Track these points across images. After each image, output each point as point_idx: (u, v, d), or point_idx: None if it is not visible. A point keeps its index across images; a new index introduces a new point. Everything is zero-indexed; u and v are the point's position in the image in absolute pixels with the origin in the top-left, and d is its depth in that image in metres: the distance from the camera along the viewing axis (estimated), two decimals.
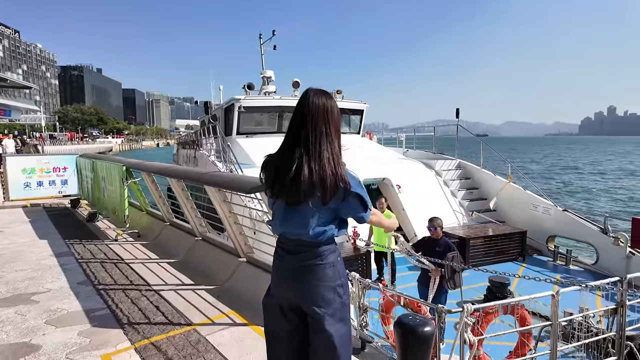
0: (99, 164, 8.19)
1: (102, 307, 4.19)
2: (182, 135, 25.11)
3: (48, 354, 3.25)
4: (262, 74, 14.85)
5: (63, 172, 11.68)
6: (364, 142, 13.06)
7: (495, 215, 9.87)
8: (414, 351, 2.35)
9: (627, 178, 39.90)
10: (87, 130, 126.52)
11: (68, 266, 5.54)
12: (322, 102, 1.77)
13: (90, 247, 6.54)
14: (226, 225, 4.61)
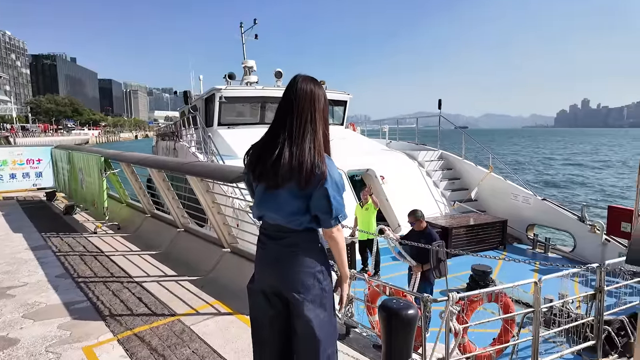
0: (75, 155, 7.95)
1: (82, 299, 4.11)
2: (161, 126, 24.54)
3: (26, 347, 3.18)
4: (244, 63, 14.54)
5: (37, 164, 11.29)
6: (347, 134, 13.03)
7: (476, 204, 10.05)
8: (398, 334, 2.40)
9: (603, 168, 41.31)
10: (61, 121, 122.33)
11: (45, 259, 5.39)
12: (310, 89, 1.75)
13: (68, 240, 6.38)
14: (209, 215, 4.57)
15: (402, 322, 2.38)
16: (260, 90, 11.69)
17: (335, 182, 1.72)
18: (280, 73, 12.98)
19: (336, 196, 1.72)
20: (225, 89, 11.11)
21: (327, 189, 1.68)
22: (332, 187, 1.70)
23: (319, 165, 1.67)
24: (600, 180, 32.15)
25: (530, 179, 30.88)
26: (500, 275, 7.00)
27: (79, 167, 7.79)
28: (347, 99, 13.55)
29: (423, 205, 9.51)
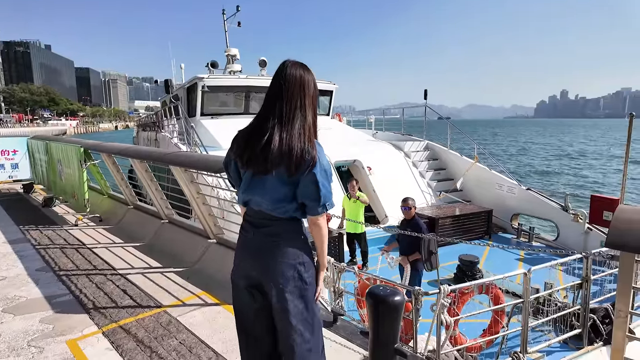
0: (53, 146, 7.71)
1: (64, 292, 4.04)
2: (142, 117, 23.95)
3: (8, 342, 3.11)
4: (227, 52, 14.23)
5: (13, 156, 10.92)
6: (333, 124, 12.94)
7: (462, 194, 10.15)
8: (385, 320, 2.45)
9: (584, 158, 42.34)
10: (37, 111, 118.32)
11: (24, 253, 5.25)
12: (299, 74, 1.73)
13: (47, 232, 6.22)
14: (194, 206, 4.52)
15: (388, 309, 2.43)
16: (244, 80, 11.47)
17: (324, 169, 1.71)
18: (264, 62, 12.76)
19: (325, 183, 1.70)
20: (208, 77, 10.83)
21: (315, 174, 1.66)
22: (321, 174, 1.68)
23: (308, 150, 1.65)
24: (584, 170, 32.91)
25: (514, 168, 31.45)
26: (487, 264, 7.09)
27: (57, 158, 7.56)
28: (333, 89, 13.43)
29: (410, 195, 9.70)
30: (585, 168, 34.46)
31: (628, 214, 1.56)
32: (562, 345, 4.19)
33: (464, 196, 10.15)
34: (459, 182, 10.20)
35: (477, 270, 6.36)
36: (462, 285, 3.75)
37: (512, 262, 7.49)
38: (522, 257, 7.65)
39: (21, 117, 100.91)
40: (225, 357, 2.89)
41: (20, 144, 10.93)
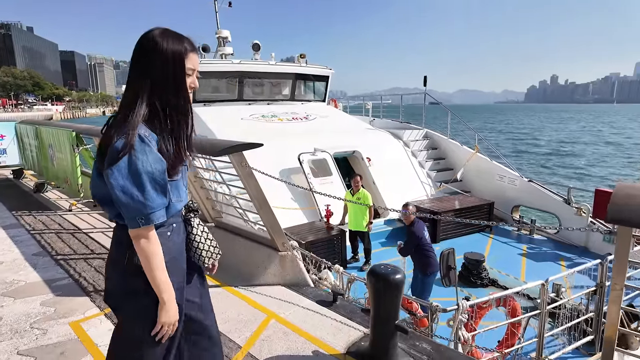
0: (44, 130, 7.57)
1: (63, 276, 4.04)
2: None
3: (10, 324, 3.12)
4: (218, 34, 13.76)
5: (1, 141, 10.70)
6: (330, 111, 12.66)
7: (462, 185, 9.96)
8: (386, 297, 2.52)
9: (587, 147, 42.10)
10: (21, 96, 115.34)
11: (19, 238, 5.22)
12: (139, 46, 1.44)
13: (41, 218, 6.17)
14: (192, 190, 4.51)
15: (390, 286, 2.49)
16: (238, 65, 11.18)
17: (135, 170, 1.30)
18: (258, 45, 12.45)
19: (127, 187, 1.30)
20: (200, 63, 10.64)
21: (111, 174, 1.28)
22: (123, 175, 1.29)
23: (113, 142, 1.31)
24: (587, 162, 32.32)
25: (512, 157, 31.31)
26: (490, 260, 6.86)
27: (48, 143, 7.44)
28: (329, 74, 13.09)
29: (410, 187, 9.49)
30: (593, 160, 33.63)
31: (626, 190, 1.62)
32: (573, 352, 4.15)
33: (464, 187, 9.95)
34: (459, 172, 9.98)
35: (482, 269, 6.25)
36: (480, 300, 3.75)
37: (515, 257, 7.39)
38: (525, 252, 7.57)
39: (5, 102, 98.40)
40: (229, 336, 2.94)
41: (7, 129, 10.70)
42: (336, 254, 6.97)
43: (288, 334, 2.95)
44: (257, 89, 12.24)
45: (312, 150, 8.64)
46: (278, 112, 10.88)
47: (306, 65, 12.41)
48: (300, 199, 8.04)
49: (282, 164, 8.18)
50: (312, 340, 2.87)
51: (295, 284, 3.75)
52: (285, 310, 3.28)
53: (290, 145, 8.60)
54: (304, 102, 12.82)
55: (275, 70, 11.99)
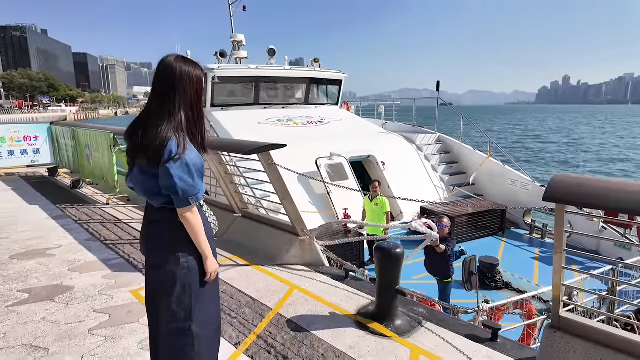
0: (81, 132, 8.35)
1: (115, 257, 4.75)
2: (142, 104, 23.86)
3: (82, 291, 3.83)
4: (232, 38, 14.09)
5: (35, 141, 11.56)
6: (343, 115, 12.97)
7: (474, 189, 10.14)
8: (388, 267, 3.17)
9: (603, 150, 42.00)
10: (36, 97, 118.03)
11: (69, 227, 5.96)
12: (171, 68, 1.83)
13: (84, 210, 6.92)
14: (222, 185, 5.19)
15: (392, 258, 3.14)
16: (255, 70, 11.63)
17: (187, 163, 1.76)
18: (273, 50, 12.79)
19: (183, 176, 1.75)
20: (218, 68, 10.93)
21: (169, 168, 1.71)
22: (179, 168, 1.73)
23: (167, 143, 1.72)
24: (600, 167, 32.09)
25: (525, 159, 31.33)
26: (504, 263, 6.85)
27: (85, 144, 8.21)
28: (342, 78, 13.38)
29: (424, 191, 9.65)
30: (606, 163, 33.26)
31: (560, 178, 2.25)
32: None
33: (476, 191, 10.11)
34: (472, 176, 10.14)
35: (497, 272, 6.37)
36: (499, 303, 4.13)
37: (528, 260, 7.50)
38: (537, 256, 7.70)
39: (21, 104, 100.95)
40: (261, 301, 3.60)
41: (41, 130, 11.56)
42: (354, 258, 6.94)
43: (309, 300, 3.61)
44: (272, 92, 12.69)
45: (328, 154, 8.96)
46: (293, 116, 11.28)
47: (320, 70, 12.78)
48: (317, 203, 8.36)
49: (300, 167, 8.31)
50: (328, 304, 3.52)
51: (312, 263, 4.40)
52: (306, 283, 3.94)
53: (307, 150, 8.87)
54: (318, 105, 13.19)
55: (291, 74, 12.41)
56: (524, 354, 2.80)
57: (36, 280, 4.08)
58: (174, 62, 1.81)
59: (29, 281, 4.05)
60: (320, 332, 3.08)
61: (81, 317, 3.33)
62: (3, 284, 3.97)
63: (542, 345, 2.59)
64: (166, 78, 1.80)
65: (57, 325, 3.21)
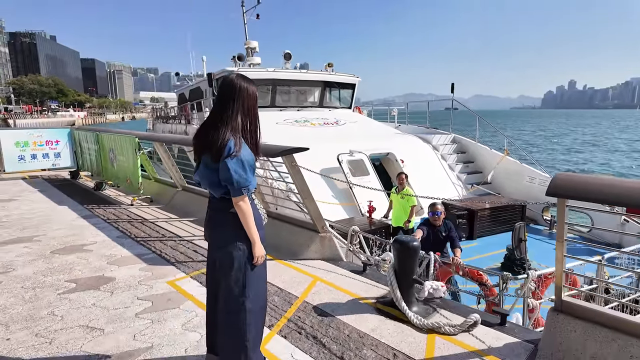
0: (105, 136, 8.78)
1: (148, 252, 5.11)
2: (153, 108, 24.34)
3: (123, 282, 4.19)
4: (246, 44, 14.79)
5: (56, 145, 12.01)
6: (357, 117, 13.36)
7: (492, 187, 10.40)
8: (407, 258, 3.49)
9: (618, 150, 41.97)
10: (45, 103, 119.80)
11: (100, 225, 6.35)
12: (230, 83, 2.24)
13: (110, 210, 7.32)
14: None
15: (410, 250, 3.48)
16: (272, 73, 11.92)
17: (241, 160, 2.11)
18: (289, 55, 13.26)
19: (238, 170, 2.10)
20: (237, 71, 11.41)
21: (227, 162, 2.07)
22: (236, 163, 2.09)
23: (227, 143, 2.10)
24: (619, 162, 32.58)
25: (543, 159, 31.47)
26: (529, 256, 6.87)
27: (109, 148, 8.63)
28: (356, 82, 13.73)
29: (442, 188, 9.94)
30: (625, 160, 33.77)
31: (561, 176, 2.58)
32: None
33: (494, 189, 10.33)
34: (490, 174, 10.34)
35: (524, 260, 6.48)
36: (546, 271, 4.27)
37: (551, 252, 7.36)
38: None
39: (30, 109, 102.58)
40: (288, 291, 3.94)
41: (62, 135, 12.02)
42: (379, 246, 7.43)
43: (331, 290, 3.94)
44: (287, 96, 13.08)
45: (348, 151, 9.30)
46: (310, 118, 11.65)
47: (335, 74, 13.21)
48: (340, 196, 8.66)
49: (322, 164, 8.68)
50: (350, 294, 3.85)
51: (332, 258, 4.74)
52: (327, 276, 4.28)
53: (328, 148, 9.19)
54: (332, 108, 13.59)
55: (307, 77, 12.82)
56: (530, 336, 3.11)
57: (80, 272, 4.45)
58: (235, 79, 2.23)
59: (73, 273, 4.42)
60: (344, 317, 3.41)
61: (127, 304, 3.68)
62: (51, 275, 4.35)
63: (546, 326, 2.90)
64: (228, 91, 2.20)
65: (106, 310, 3.56)
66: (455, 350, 2.93)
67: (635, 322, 2.54)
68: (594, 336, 2.66)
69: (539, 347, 2.87)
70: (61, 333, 3.16)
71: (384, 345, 2.98)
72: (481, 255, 6.96)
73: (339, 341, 3.03)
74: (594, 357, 2.60)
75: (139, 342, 3.03)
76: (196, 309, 3.56)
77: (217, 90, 2.38)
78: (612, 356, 2.53)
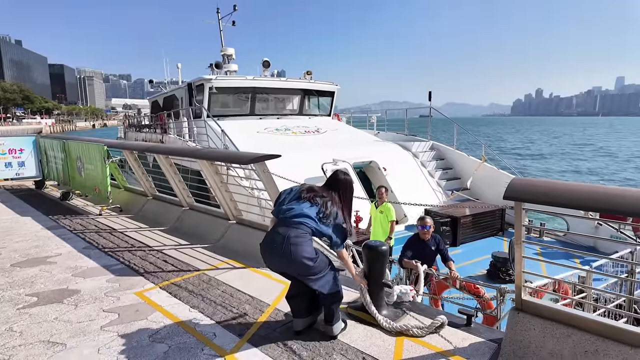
0: (72, 145, 8.49)
1: (116, 263, 4.98)
2: (128, 116, 23.58)
3: (89, 294, 4.06)
4: (223, 51, 14.63)
5: (20, 154, 11.52)
6: (337, 125, 13.39)
7: (470, 193, 10.51)
8: (376, 262, 3.55)
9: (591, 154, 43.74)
10: (10, 110, 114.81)
11: (66, 236, 6.13)
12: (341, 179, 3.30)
13: (77, 220, 7.08)
14: (217, 193, 5.51)
15: (378, 254, 3.53)
16: (252, 81, 11.79)
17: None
18: (268, 62, 13.17)
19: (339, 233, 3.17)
20: (215, 79, 11.05)
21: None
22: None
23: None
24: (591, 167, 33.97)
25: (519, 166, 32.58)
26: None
27: (77, 156, 8.35)
28: (335, 90, 13.80)
29: (424, 195, 9.98)
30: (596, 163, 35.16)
31: (517, 181, 2.71)
32: None
33: (473, 194, 10.51)
34: (469, 181, 10.52)
35: (510, 267, 6.49)
36: (542, 282, 4.40)
37: (531, 257, 7.77)
38: (539, 252, 7.89)
39: None
40: (260, 299, 3.92)
41: (26, 143, 11.54)
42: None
43: None
44: (266, 104, 13.00)
45: (332, 160, 9.23)
46: (290, 126, 11.58)
47: (314, 82, 13.23)
48: None
49: (306, 173, 8.57)
50: None
51: None
52: None
53: (310, 157, 9.14)
54: (311, 116, 13.62)
55: (286, 86, 12.79)
56: (494, 335, 3.21)
57: (42, 285, 4.28)
58: (340, 174, 3.32)
59: (35, 286, 4.26)
60: None
61: (92, 316, 3.57)
62: (10, 289, 4.17)
63: (508, 325, 3.01)
64: (342, 186, 3.27)
65: (70, 323, 3.45)
66: (422, 352, 3.00)
67: (588, 319, 2.68)
68: (551, 333, 2.78)
69: (501, 346, 2.97)
70: (20, 349, 3.03)
71: (353, 350, 3.01)
72: (466, 263, 6.99)
73: (309, 347, 3.04)
74: (552, 353, 2.71)
75: (104, 355, 2.95)
76: (164, 319, 3.50)
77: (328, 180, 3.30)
78: (568, 351, 2.66)
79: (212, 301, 3.88)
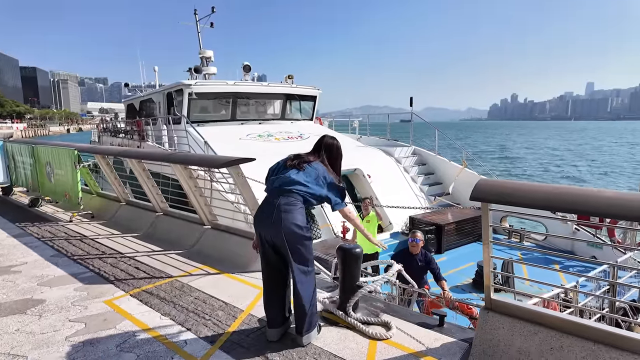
0: (41, 149, 8.20)
1: (85, 271, 4.82)
2: (106, 120, 22.81)
3: (54, 304, 3.91)
4: (201, 54, 14.37)
5: None
6: (320, 129, 13.21)
7: (451, 198, 10.54)
8: (350, 264, 3.55)
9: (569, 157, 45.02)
10: None
11: (33, 244, 5.90)
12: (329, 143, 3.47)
13: (46, 228, 6.82)
14: (192, 198, 5.41)
15: (352, 256, 3.54)
16: (232, 86, 11.59)
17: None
18: (249, 67, 13.00)
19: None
20: (195, 84, 10.84)
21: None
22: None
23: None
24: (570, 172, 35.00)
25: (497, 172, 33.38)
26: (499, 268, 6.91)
27: (46, 161, 8.06)
28: (317, 94, 13.72)
29: (408, 201, 9.91)
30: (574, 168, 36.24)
31: (484, 182, 2.76)
32: None
33: (455, 200, 10.54)
34: (451, 186, 10.59)
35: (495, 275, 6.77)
36: (532, 302, 4.21)
37: (515, 264, 7.56)
38: (521, 257, 8.03)
39: None
40: (233, 305, 3.86)
41: None
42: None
43: None
44: (247, 108, 12.81)
45: None
46: (273, 132, 11.34)
47: (296, 86, 13.12)
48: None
49: None
50: None
51: None
52: None
53: None
54: (293, 121, 13.47)
55: (269, 90, 12.62)
56: (465, 335, 3.25)
57: (4, 296, 4.10)
58: (328, 138, 3.49)
59: None
60: None
61: (56, 327, 3.44)
62: None
63: (478, 324, 3.05)
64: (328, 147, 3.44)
65: (32, 335, 3.31)
66: (395, 353, 3.01)
67: (553, 316, 2.74)
68: (519, 331, 2.83)
69: (472, 345, 3.01)
70: None
71: (326, 353, 2.99)
72: (451, 271, 6.98)
73: (282, 353, 3.01)
74: (520, 351, 2.76)
75: None
76: (134, 328, 3.40)
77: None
78: (535, 348, 2.71)
79: (184, 308, 3.80)
